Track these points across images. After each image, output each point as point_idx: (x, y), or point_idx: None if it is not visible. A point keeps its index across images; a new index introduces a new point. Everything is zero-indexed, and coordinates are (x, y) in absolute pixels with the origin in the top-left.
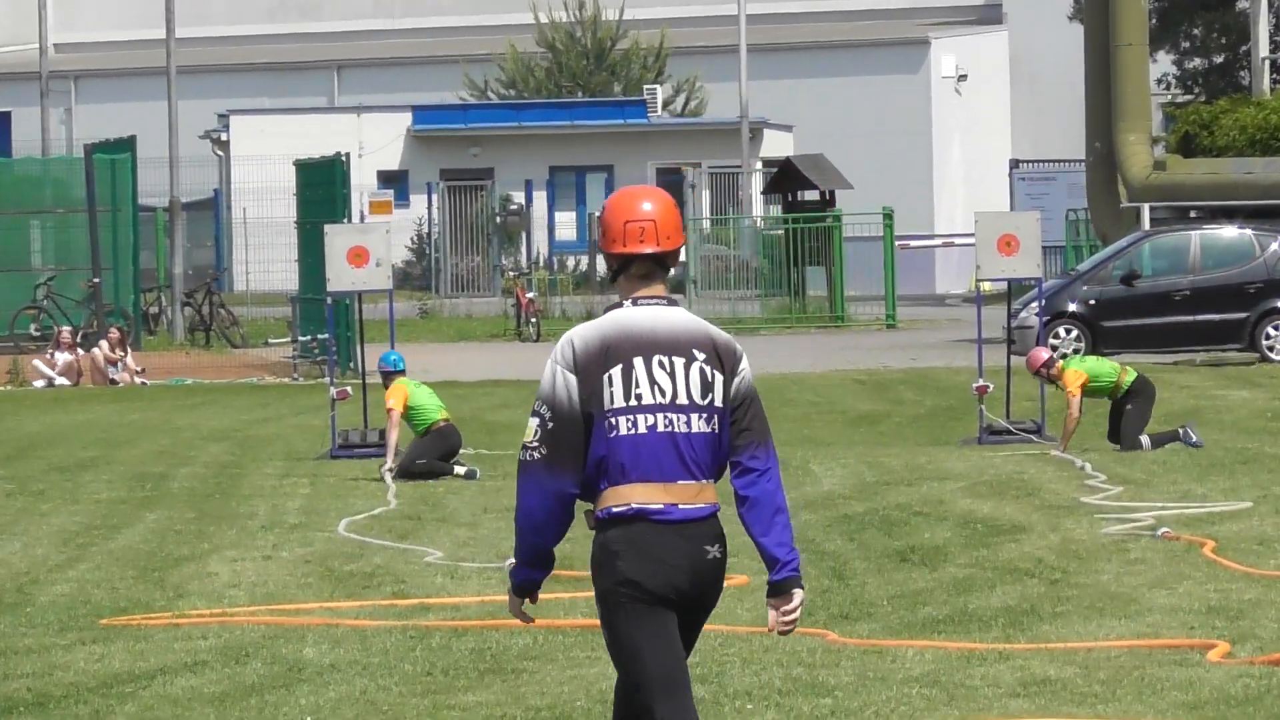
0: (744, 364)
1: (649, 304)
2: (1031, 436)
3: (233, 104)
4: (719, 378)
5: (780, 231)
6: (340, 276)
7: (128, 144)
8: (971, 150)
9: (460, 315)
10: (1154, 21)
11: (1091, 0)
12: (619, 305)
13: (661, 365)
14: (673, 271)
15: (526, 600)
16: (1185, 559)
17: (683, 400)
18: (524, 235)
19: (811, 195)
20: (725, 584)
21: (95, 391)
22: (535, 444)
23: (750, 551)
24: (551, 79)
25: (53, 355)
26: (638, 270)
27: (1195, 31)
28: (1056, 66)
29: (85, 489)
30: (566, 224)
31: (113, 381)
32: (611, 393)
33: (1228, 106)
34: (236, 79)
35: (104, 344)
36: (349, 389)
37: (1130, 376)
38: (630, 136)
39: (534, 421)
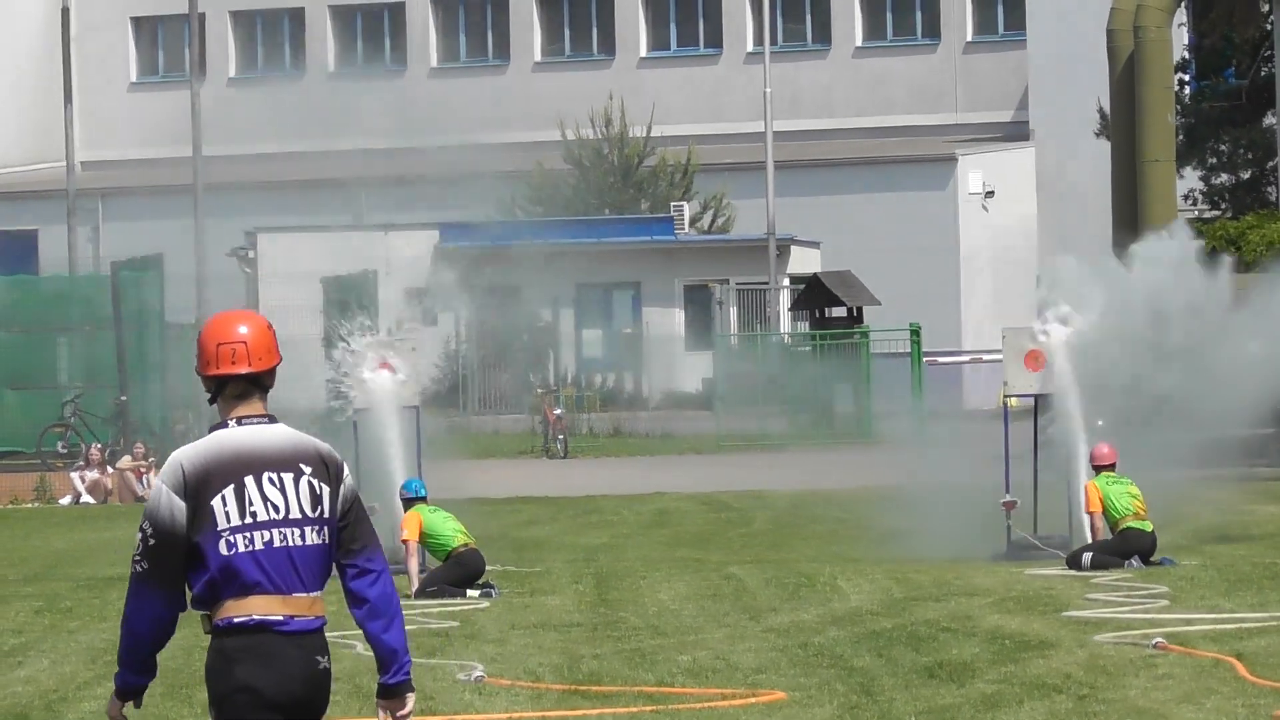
0: (347, 471)
1: (252, 423)
2: (1059, 551)
3: (259, 221)
4: (326, 490)
5: (808, 348)
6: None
7: (154, 261)
8: (999, 266)
9: (488, 432)
10: (1181, 138)
11: (1118, 117)
12: (223, 425)
13: (272, 482)
14: (271, 390)
15: (129, 704)
16: (1214, 674)
17: (295, 515)
18: (551, 352)
19: (839, 312)
20: (757, 700)
21: (122, 509)
22: (139, 558)
23: (779, 668)
24: (579, 196)
25: (84, 474)
26: (233, 391)
27: (1222, 148)
28: (1084, 183)
29: (113, 606)
30: (594, 341)
31: (140, 498)
32: (226, 512)
33: (1255, 222)
34: (263, 196)
35: (127, 458)
36: (376, 505)
37: (1128, 525)
38: (657, 253)
39: (139, 536)
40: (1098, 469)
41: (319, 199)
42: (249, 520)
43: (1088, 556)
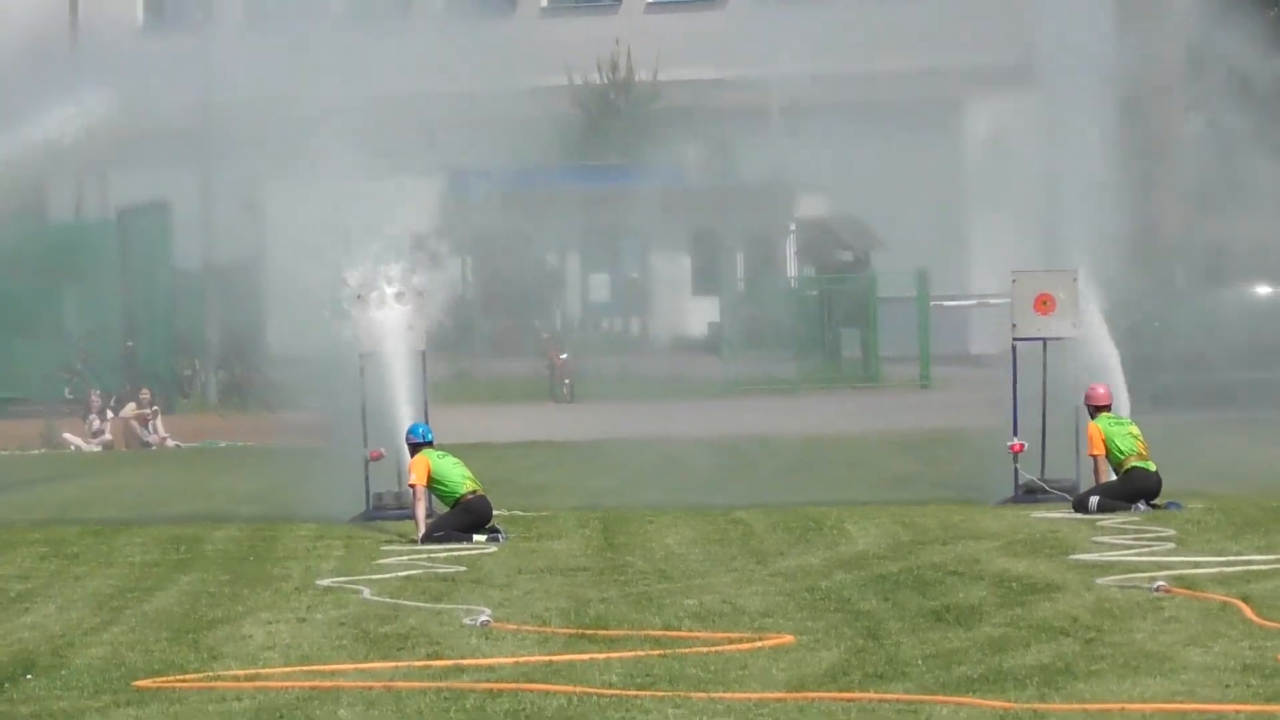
0: None
1: None
2: (1066, 495)
3: (268, 168)
4: None
5: (814, 292)
6: (374, 339)
7: (161, 208)
8: (1006, 209)
9: (494, 377)
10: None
11: (1125, 56)
12: None
13: None
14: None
15: None
16: (1220, 617)
17: None
18: (558, 297)
19: (845, 256)
20: (763, 644)
21: (129, 455)
22: None
23: (786, 612)
24: (586, 142)
25: (89, 422)
26: None
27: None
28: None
29: (119, 552)
30: (600, 286)
31: (146, 445)
32: None
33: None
34: (272, 143)
35: (131, 405)
36: (383, 450)
37: (1132, 465)
38: (664, 199)
39: None
40: (1095, 410)
41: (329, 146)
42: None
43: (1094, 500)
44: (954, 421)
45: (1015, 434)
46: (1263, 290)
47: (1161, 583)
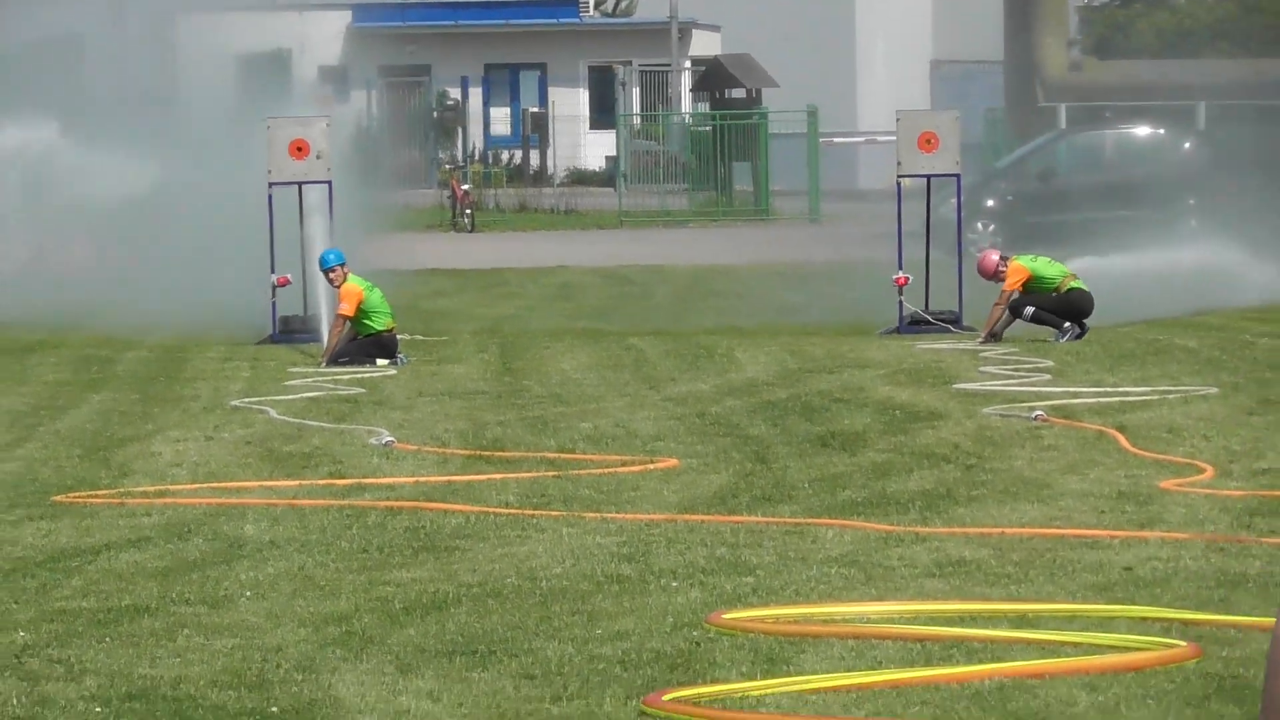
0: None
1: None
2: (950, 326)
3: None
4: None
5: (708, 128)
6: (281, 169)
7: (74, 41)
8: (894, 50)
9: (397, 206)
10: None
11: None
12: None
13: None
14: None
15: None
16: (1097, 445)
17: None
18: (460, 130)
19: (738, 93)
20: (655, 466)
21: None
22: None
23: (677, 436)
24: None
25: None
26: None
27: None
28: None
29: (33, 371)
30: (501, 119)
31: None
32: None
33: (1143, 10)
34: None
35: None
36: (289, 276)
37: (1072, 284)
38: (563, 35)
39: None
40: (994, 275)
41: None
42: None
43: (1030, 310)
44: (842, 255)
45: (900, 268)
46: (1141, 131)
47: (1040, 412)
